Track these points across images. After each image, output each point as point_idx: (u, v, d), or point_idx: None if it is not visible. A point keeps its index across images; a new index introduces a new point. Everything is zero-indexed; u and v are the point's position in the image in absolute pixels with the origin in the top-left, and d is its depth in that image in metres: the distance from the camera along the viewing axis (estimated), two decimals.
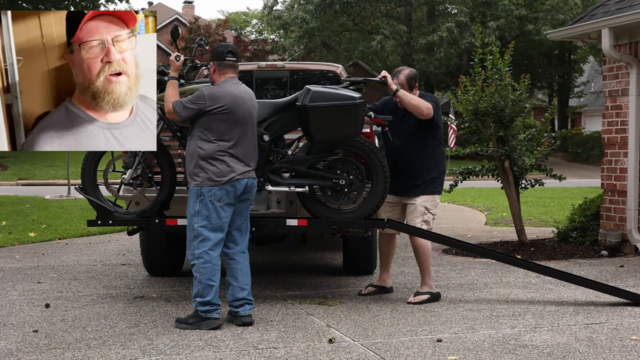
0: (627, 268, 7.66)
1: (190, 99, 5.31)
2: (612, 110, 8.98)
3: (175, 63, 5.51)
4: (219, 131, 5.27)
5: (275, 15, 36.27)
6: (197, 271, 5.30)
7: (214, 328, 5.22)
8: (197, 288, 5.31)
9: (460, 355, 4.58)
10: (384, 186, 5.89)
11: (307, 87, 5.74)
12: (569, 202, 12.39)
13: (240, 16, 63.21)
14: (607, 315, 5.60)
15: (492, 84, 8.69)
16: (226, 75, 5.44)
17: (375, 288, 6.44)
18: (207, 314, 5.27)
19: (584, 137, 34.79)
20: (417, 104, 6.05)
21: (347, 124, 5.68)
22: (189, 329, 5.21)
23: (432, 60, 32.52)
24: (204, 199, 5.26)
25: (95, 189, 6.04)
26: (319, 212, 5.94)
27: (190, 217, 5.32)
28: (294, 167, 5.85)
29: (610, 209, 8.99)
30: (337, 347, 4.76)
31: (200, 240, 5.29)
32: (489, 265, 7.80)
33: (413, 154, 6.17)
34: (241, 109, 5.36)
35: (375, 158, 5.87)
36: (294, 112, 5.78)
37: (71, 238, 10.51)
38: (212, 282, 5.31)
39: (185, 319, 5.33)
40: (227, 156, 5.29)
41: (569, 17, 29.74)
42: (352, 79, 6.04)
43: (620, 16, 8.27)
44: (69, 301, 6.19)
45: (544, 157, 9.25)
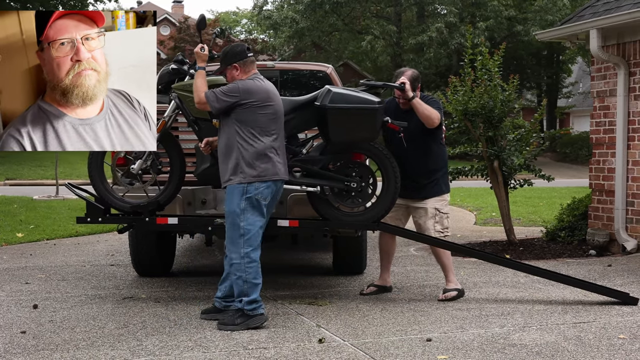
0: (615, 267, 7.69)
1: (224, 91, 5.26)
2: (600, 110, 9.03)
3: (201, 54, 5.48)
4: (260, 126, 5.25)
5: (265, 15, 36.26)
6: (242, 270, 5.23)
7: (261, 324, 5.20)
8: (241, 287, 5.24)
9: (450, 354, 4.59)
10: (395, 191, 5.91)
11: (327, 87, 5.76)
12: (558, 202, 12.43)
13: (230, 16, 63.17)
14: (595, 314, 5.62)
15: (482, 84, 8.71)
16: (251, 72, 5.40)
17: (377, 287, 6.46)
18: (254, 311, 5.23)
19: (573, 137, 34.92)
20: (429, 114, 6.06)
21: (365, 127, 5.69)
22: (238, 329, 5.14)
23: (422, 60, 32.57)
24: (251, 197, 5.21)
25: (103, 181, 5.95)
26: (327, 213, 5.94)
27: (235, 216, 5.23)
28: (307, 167, 5.85)
29: (598, 208, 9.03)
30: (327, 347, 4.76)
31: (246, 239, 5.24)
32: (478, 264, 7.82)
33: (416, 155, 6.16)
34: (277, 104, 5.37)
35: (388, 162, 5.89)
36: (310, 112, 5.77)
37: (59, 238, 10.47)
38: (258, 280, 5.27)
39: (229, 320, 5.23)
40: (274, 154, 5.29)
41: (558, 18, 29.84)
42: (370, 83, 6.02)
43: (609, 17, 8.32)
44: (57, 302, 6.17)
45: (533, 157, 9.28)
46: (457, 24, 32.24)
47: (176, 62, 5.87)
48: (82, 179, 22.51)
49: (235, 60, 5.37)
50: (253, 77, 5.37)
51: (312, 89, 7.10)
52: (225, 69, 5.42)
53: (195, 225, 6.15)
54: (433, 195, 6.25)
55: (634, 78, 8.50)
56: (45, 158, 24.95)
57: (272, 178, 5.27)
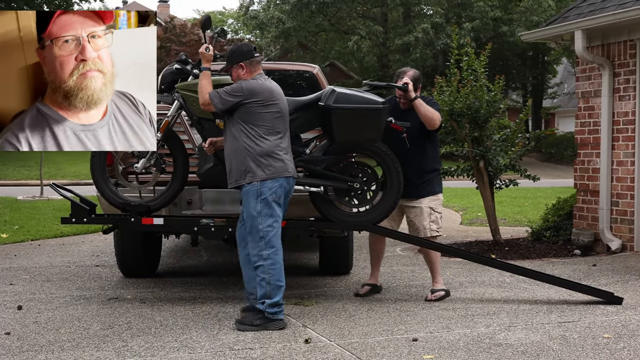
0: (600, 267, 7.74)
1: (228, 91, 5.26)
2: (585, 111, 9.07)
3: (206, 54, 5.48)
4: (266, 125, 5.25)
5: (251, 15, 36.19)
6: (265, 272, 5.22)
7: (281, 329, 5.19)
8: (264, 289, 5.23)
9: (436, 354, 4.60)
10: (397, 192, 5.93)
11: (331, 87, 5.77)
12: (543, 202, 12.49)
13: (216, 16, 62.97)
14: (580, 314, 5.65)
15: (468, 84, 8.73)
16: (257, 72, 5.41)
17: (370, 286, 6.47)
18: (275, 316, 5.22)
19: (558, 137, 35.07)
20: (432, 116, 6.08)
21: (370, 127, 5.70)
22: (254, 330, 5.12)
23: (408, 60, 32.57)
24: (265, 198, 5.21)
25: (106, 181, 5.90)
26: (330, 214, 5.94)
27: (252, 219, 5.23)
28: (310, 167, 5.85)
29: (583, 208, 9.08)
30: (313, 347, 4.76)
31: (266, 241, 5.23)
32: (464, 264, 7.84)
33: (413, 155, 6.16)
34: (281, 102, 5.37)
35: (391, 163, 5.89)
36: (314, 112, 5.78)
37: (44, 239, 10.40)
38: (281, 282, 5.27)
39: (248, 320, 5.22)
40: (282, 152, 5.29)
41: (543, 18, 29.97)
42: (374, 83, 6.03)
43: (593, 18, 8.36)
44: (42, 303, 6.13)
45: (519, 158, 9.31)
46: (443, 25, 32.30)
47: (179, 62, 5.85)
48: (67, 179, 22.40)
49: (242, 59, 5.38)
50: (257, 76, 5.38)
51: (299, 89, 7.11)
52: (231, 67, 5.43)
53: (181, 226, 6.14)
54: (428, 195, 6.27)
55: (618, 79, 8.55)
56: (30, 158, 24.79)
57: (283, 175, 5.27)
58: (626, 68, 8.46)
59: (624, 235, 8.52)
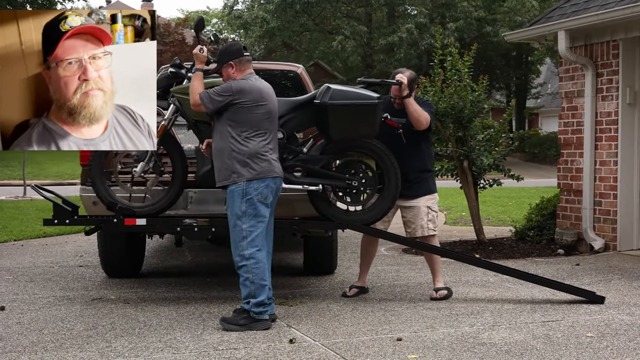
0: (583, 266, 7.78)
1: (217, 91, 5.27)
2: (568, 111, 9.13)
3: (199, 55, 5.49)
4: (252, 126, 5.25)
5: (235, 14, 36.14)
6: (249, 272, 5.22)
7: (265, 329, 5.18)
8: (248, 289, 5.23)
9: (420, 353, 4.61)
10: (395, 191, 5.93)
11: (326, 85, 5.79)
12: (527, 202, 12.54)
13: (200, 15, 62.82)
14: (563, 313, 5.68)
15: (452, 84, 8.76)
16: (247, 72, 5.43)
17: (358, 289, 6.45)
18: (260, 315, 5.22)
19: (541, 137, 35.24)
20: (418, 116, 6.08)
21: (366, 123, 5.71)
22: (238, 330, 5.12)
23: (392, 61, 32.65)
24: (251, 198, 5.21)
25: (104, 184, 5.89)
26: (327, 212, 5.95)
27: (236, 218, 5.24)
28: (308, 166, 5.84)
29: (566, 208, 9.13)
30: (297, 347, 4.75)
31: (249, 241, 5.23)
32: (448, 264, 7.85)
33: (407, 153, 6.15)
34: (270, 103, 5.37)
35: (389, 162, 5.90)
36: (310, 111, 5.79)
37: (27, 239, 10.34)
38: (264, 281, 5.26)
39: (233, 319, 5.21)
40: (268, 153, 5.29)
41: (527, 19, 30.11)
42: (368, 80, 6.02)
43: (576, 19, 8.41)
44: (25, 304, 6.09)
45: (502, 158, 9.34)
46: (427, 25, 32.38)
47: (174, 66, 5.87)
48: (50, 179, 22.28)
49: (231, 58, 5.41)
50: (247, 76, 5.39)
51: (283, 88, 7.10)
52: (221, 67, 5.44)
53: (164, 226, 6.11)
54: (424, 194, 6.29)
55: (601, 79, 8.61)
56: (13, 158, 24.62)
57: (269, 175, 5.27)
58: (609, 68, 8.51)
59: (607, 234, 8.58)
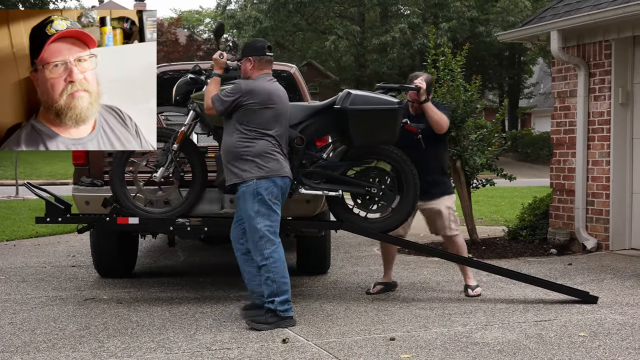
0: (575, 266, 7.80)
1: (226, 91, 5.31)
2: (561, 111, 9.15)
3: (219, 61, 5.51)
4: (260, 126, 5.28)
5: (228, 14, 36.08)
6: (270, 271, 5.25)
7: (292, 326, 5.22)
8: (271, 288, 5.26)
9: (413, 353, 4.61)
10: (414, 197, 5.92)
11: (347, 90, 5.76)
12: (519, 202, 12.57)
13: (193, 15, 62.76)
14: (556, 313, 5.69)
15: (444, 84, 8.77)
16: (263, 71, 5.45)
17: (383, 285, 6.49)
18: (286, 313, 5.25)
19: (534, 137, 35.32)
20: (439, 120, 6.11)
21: (387, 128, 5.70)
22: (267, 328, 5.13)
23: (385, 60, 32.70)
24: (262, 198, 5.24)
25: (122, 186, 5.87)
26: (346, 219, 5.95)
27: (251, 219, 5.27)
28: (328, 173, 5.83)
29: (559, 208, 9.15)
30: (290, 347, 4.75)
31: (266, 240, 5.26)
32: (441, 264, 7.86)
33: (426, 156, 6.15)
34: (279, 106, 5.38)
35: (408, 169, 5.88)
36: (329, 117, 5.75)
37: (19, 239, 10.31)
38: (286, 278, 5.30)
39: (262, 318, 5.22)
40: (276, 152, 5.31)
41: (519, 19, 30.17)
42: (387, 85, 5.98)
43: (569, 19, 8.43)
44: (18, 304, 6.07)
45: (495, 157, 9.36)
46: (420, 25, 32.41)
47: (193, 73, 5.89)
48: (42, 178, 22.21)
49: (252, 54, 5.45)
50: (262, 77, 5.42)
51: None
52: (242, 59, 5.50)
53: (156, 225, 6.10)
54: (443, 194, 6.33)
55: (593, 79, 8.63)
56: (5, 158, 24.55)
57: (278, 174, 5.29)
58: (601, 68, 8.53)
59: (600, 234, 8.60)
